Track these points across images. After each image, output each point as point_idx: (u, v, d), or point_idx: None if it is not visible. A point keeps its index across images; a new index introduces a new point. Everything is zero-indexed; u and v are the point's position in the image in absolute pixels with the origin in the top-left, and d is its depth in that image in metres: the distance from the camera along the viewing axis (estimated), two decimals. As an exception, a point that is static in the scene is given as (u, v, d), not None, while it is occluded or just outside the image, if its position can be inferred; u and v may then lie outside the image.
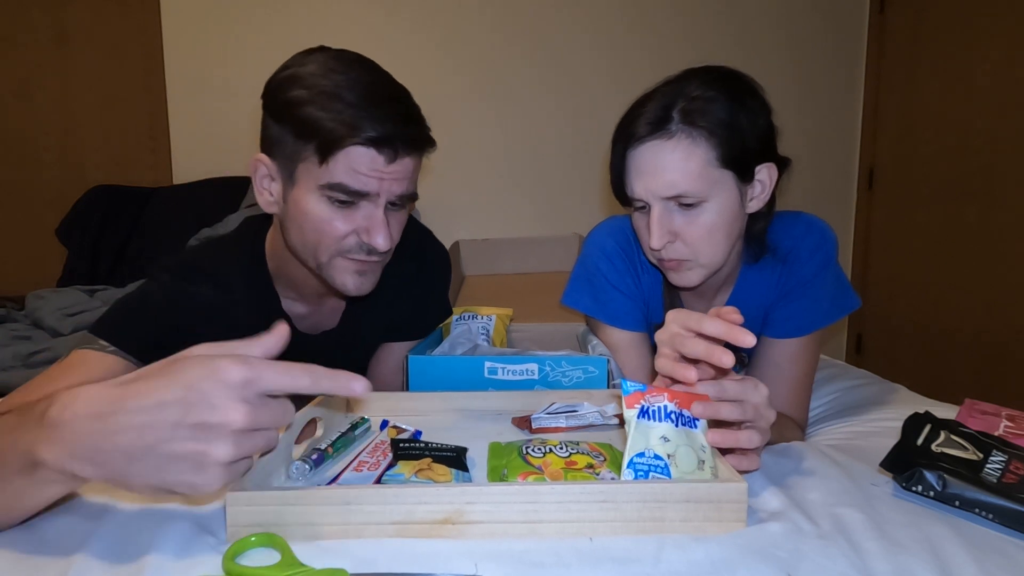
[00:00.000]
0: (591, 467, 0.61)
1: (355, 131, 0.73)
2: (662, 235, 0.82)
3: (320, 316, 0.97)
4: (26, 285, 2.17)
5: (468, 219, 2.62)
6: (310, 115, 0.73)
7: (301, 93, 0.74)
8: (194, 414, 0.42)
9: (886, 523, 0.54)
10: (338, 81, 0.74)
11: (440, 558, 0.48)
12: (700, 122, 0.79)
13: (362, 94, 0.74)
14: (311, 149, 0.74)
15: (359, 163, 0.74)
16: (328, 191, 0.76)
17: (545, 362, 0.91)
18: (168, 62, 2.50)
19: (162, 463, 0.43)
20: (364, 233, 0.78)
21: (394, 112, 0.76)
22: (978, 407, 0.81)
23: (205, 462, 0.43)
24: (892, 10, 2.61)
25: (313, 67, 0.76)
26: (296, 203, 0.78)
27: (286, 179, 0.79)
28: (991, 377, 2.21)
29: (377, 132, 0.73)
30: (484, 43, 2.58)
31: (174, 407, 0.42)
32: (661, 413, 0.58)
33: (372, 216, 0.78)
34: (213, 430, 0.43)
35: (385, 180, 0.76)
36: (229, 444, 0.43)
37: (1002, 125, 2.14)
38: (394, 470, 0.60)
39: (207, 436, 0.43)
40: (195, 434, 0.42)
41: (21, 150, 2.48)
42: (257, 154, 0.81)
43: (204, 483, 0.44)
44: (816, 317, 0.91)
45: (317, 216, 0.77)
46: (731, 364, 0.58)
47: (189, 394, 0.42)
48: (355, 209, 0.78)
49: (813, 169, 2.71)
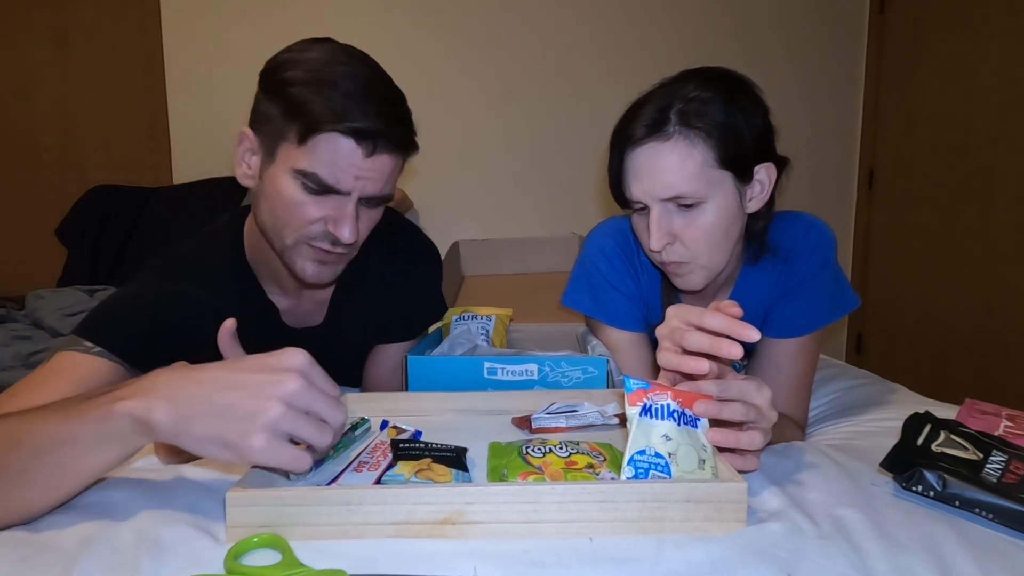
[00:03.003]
0: (591, 467, 0.61)
1: (340, 118, 0.73)
2: (661, 237, 0.82)
3: (303, 310, 0.96)
4: (26, 285, 2.17)
5: (468, 219, 2.62)
6: (301, 96, 0.74)
7: (298, 75, 0.75)
8: (259, 377, 0.50)
9: (886, 523, 0.54)
10: (338, 71, 0.75)
11: (440, 558, 0.48)
12: (696, 123, 0.79)
13: (358, 87, 0.75)
14: (294, 129, 0.74)
15: (336, 154, 0.74)
16: (302, 177, 0.76)
17: (545, 362, 0.91)
18: (168, 62, 2.50)
19: (224, 414, 0.49)
20: (331, 223, 0.78)
21: (384, 110, 0.76)
22: (978, 407, 0.81)
23: (256, 421, 0.48)
24: (892, 10, 2.61)
25: (316, 54, 0.77)
26: (271, 180, 0.78)
27: (266, 155, 0.79)
28: (991, 377, 2.21)
29: (361, 124, 0.74)
30: (484, 43, 2.58)
31: (245, 372, 0.50)
32: (664, 411, 0.58)
33: (342, 208, 0.78)
34: (271, 393, 0.49)
35: (360, 178, 0.76)
36: (281, 408, 0.48)
37: (1002, 125, 2.14)
38: (394, 470, 0.60)
39: (265, 396, 0.49)
40: (255, 393, 0.49)
41: (21, 150, 2.48)
42: (243, 127, 0.81)
43: (249, 444, 0.48)
44: (816, 317, 0.91)
45: (289, 198, 0.77)
46: (739, 355, 0.58)
47: (258, 363, 0.51)
48: (326, 198, 0.78)
49: (813, 169, 2.71)
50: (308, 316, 0.97)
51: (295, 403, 0.50)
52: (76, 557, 0.49)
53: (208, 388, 0.50)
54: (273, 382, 0.50)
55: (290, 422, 0.49)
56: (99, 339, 0.78)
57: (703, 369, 0.60)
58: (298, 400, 0.50)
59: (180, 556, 0.49)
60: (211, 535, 0.52)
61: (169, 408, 0.50)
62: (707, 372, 0.60)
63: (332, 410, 0.51)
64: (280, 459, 0.49)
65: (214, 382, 0.50)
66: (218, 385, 0.50)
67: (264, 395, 0.49)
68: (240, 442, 0.48)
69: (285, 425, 0.49)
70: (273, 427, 0.49)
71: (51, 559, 0.49)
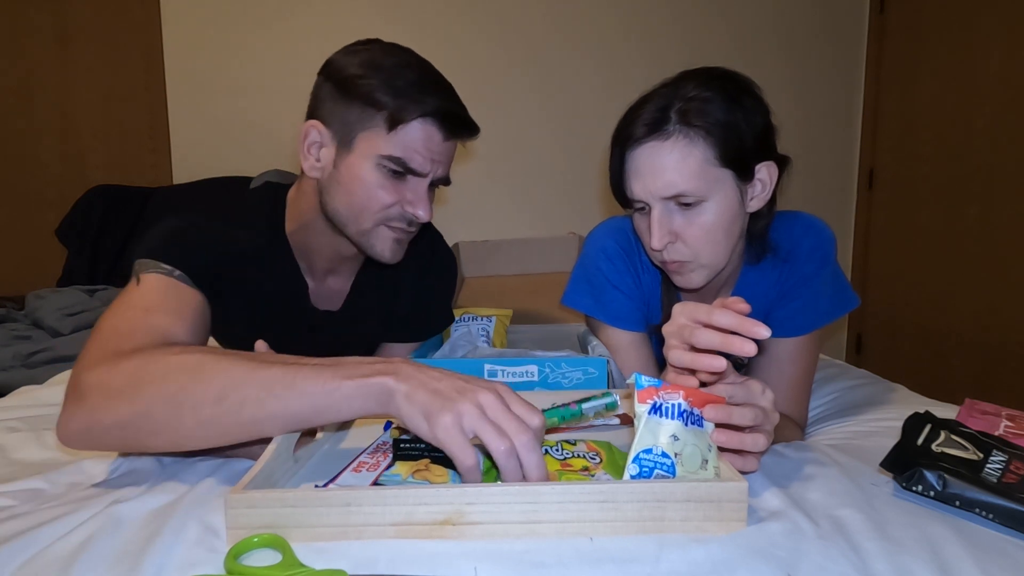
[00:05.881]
0: (586, 469, 0.61)
1: (423, 103, 0.80)
2: (662, 235, 0.82)
3: (325, 294, 0.98)
4: (26, 285, 2.18)
5: (468, 220, 2.62)
6: (377, 86, 0.80)
7: (366, 70, 0.81)
8: (464, 385, 0.56)
9: (886, 523, 0.54)
10: (399, 61, 0.83)
11: (440, 559, 0.48)
12: (696, 121, 0.79)
13: (430, 77, 0.84)
14: (380, 119, 0.81)
15: (419, 140, 0.82)
16: (387, 161, 0.82)
17: (545, 363, 0.91)
18: (168, 62, 2.50)
19: (442, 405, 0.55)
20: (409, 205, 0.85)
21: (453, 95, 0.85)
22: (978, 407, 0.81)
23: (452, 406, 0.55)
24: (892, 10, 2.61)
25: (375, 50, 0.85)
26: (349, 168, 0.83)
27: (341, 146, 0.84)
28: (991, 377, 2.21)
29: (443, 107, 0.82)
30: (483, 44, 2.58)
31: (458, 379, 0.57)
32: (674, 411, 0.57)
33: (418, 190, 0.85)
34: (469, 398, 0.55)
35: (436, 161, 0.84)
36: (473, 410, 0.54)
37: (1002, 125, 2.14)
38: (391, 470, 0.60)
39: (463, 399, 0.55)
40: (461, 395, 0.55)
41: (21, 150, 2.48)
42: (310, 120, 0.86)
43: (439, 421, 0.54)
44: (815, 316, 0.91)
45: (369, 183, 0.83)
46: (753, 352, 0.58)
47: (466, 378, 0.58)
48: (403, 182, 0.84)
49: (813, 169, 2.71)
50: (328, 300, 0.99)
51: (486, 411, 0.55)
52: (76, 557, 0.49)
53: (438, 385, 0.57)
54: (476, 390, 0.56)
55: (475, 420, 0.54)
56: (176, 263, 0.78)
57: (720, 366, 0.60)
58: (489, 409, 0.55)
59: (180, 556, 0.49)
60: (211, 535, 0.52)
61: (408, 394, 0.56)
62: (723, 370, 0.60)
63: (515, 426, 0.55)
64: (455, 441, 0.53)
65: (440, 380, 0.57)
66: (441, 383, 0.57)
67: (463, 399, 0.55)
68: (434, 416, 0.54)
69: (469, 419, 0.54)
70: (462, 416, 0.54)
71: (52, 558, 0.49)
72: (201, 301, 0.78)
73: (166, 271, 0.77)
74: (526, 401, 0.58)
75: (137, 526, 0.54)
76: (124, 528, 0.53)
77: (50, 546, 0.51)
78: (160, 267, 0.77)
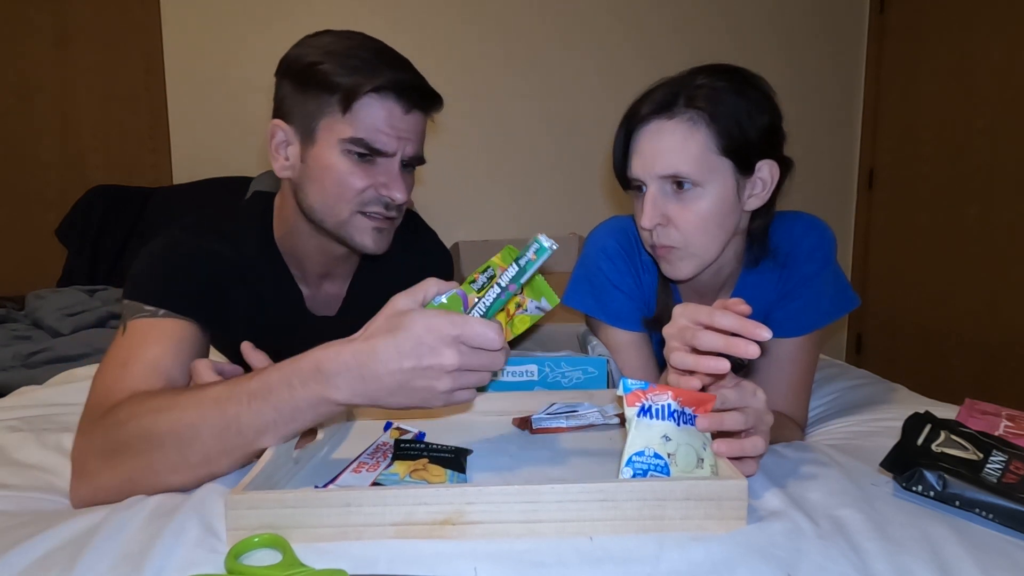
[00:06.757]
0: (519, 306, 0.65)
1: (373, 78, 0.79)
2: (654, 215, 0.82)
3: (320, 300, 0.98)
4: (26, 285, 2.18)
5: (468, 220, 2.62)
6: (330, 70, 0.79)
7: (319, 56, 0.81)
8: (424, 360, 0.56)
9: (886, 523, 0.54)
10: (352, 44, 0.82)
11: (440, 559, 0.48)
12: (701, 104, 0.80)
13: (379, 52, 0.83)
14: (334, 101, 0.79)
15: (379, 117, 0.80)
16: (350, 145, 0.80)
17: (544, 363, 0.91)
18: (168, 62, 2.50)
19: (407, 393, 0.57)
20: (383, 188, 0.83)
21: (408, 66, 0.83)
22: (978, 407, 0.81)
23: (433, 393, 0.57)
24: (892, 10, 2.61)
25: (326, 39, 0.84)
26: (317, 159, 0.82)
27: (304, 139, 0.83)
28: (991, 377, 2.21)
29: (395, 78, 0.80)
30: (484, 44, 2.58)
31: (410, 357, 0.56)
32: (664, 412, 0.57)
33: (390, 171, 0.83)
34: (436, 370, 0.56)
35: (402, 139, 0.82)
36: (448, 380, 0.56)
37: (1002, 125, 2.14)
38: (389, 470, 0.60)
39: (433, 374, 0.56)
40: (425, 374, 0.56)
41: (21, 150, 2.48)
42: (274, 120, 0.85)
43: (434, 406, 0.58)
44: (816, 316, 0.91)
45: (338, 170, 0.81)
46: (756, 354, 0.58)
47: (419, 347, 0.56)
48: (373, 165, 0.82)
49: (813, 169, 2.71)
50: (325, 306, 0.99)
51: (456, 374, 0.57)
52: (77, 557, 0.49)
53: (391, 381, 0.57)
54: (435, 366, 0.56)
55: (456, 384, 0.57)
56: (160, 301, 0.77)
57: (723, 368, 0.59)
58: (458, 368, 0.56)
59: (181, 556, 0.49)
60: (212, 536, 0.52)
61: (364, 402, 0.58)
62: (727, 372, 0.60)
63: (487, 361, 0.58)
64: (464, 396, 0.59)
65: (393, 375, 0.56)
66: (399, 375, 0.56)
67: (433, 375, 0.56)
68: (427, 406, 0.58)
69: (452, 387, 0.57)
70: (444, 392, 0.57)
71: (53, 559, 0.49)
72: (192, 330, 0.77)
73: (150, 313, 0.76)
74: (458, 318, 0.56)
75: (138, 527, 0.53)
76: (125, 529, 0.53)
77: (52, 548, 0.51)
78: (143, 310, 0.76)
